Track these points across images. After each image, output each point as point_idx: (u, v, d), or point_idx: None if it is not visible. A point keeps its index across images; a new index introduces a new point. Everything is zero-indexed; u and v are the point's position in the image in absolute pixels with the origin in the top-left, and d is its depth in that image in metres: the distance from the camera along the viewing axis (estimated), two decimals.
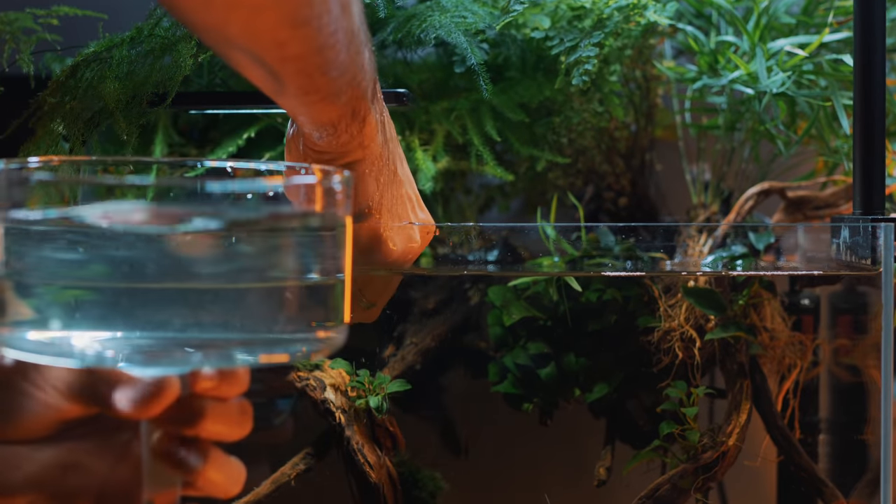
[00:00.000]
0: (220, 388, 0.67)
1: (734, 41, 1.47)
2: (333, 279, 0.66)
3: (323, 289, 0.66)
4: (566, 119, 1.47)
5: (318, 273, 0.65)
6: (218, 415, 0.67)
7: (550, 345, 1.35)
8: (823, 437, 1.39)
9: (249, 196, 0.63)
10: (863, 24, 1.25)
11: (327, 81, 0.89)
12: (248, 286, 0.63)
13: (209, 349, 0.62)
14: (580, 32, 1.35)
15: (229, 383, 0.67)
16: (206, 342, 0.62)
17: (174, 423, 0.67)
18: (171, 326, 0.62)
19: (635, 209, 1.59)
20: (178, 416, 0.66)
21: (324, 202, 0.66)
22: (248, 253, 0.63)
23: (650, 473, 1.31)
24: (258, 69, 0.84)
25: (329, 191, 0.66)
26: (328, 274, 0.66)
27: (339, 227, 0.67)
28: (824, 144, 1.45)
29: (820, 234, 1.35)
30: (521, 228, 1.40)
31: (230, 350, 0.63)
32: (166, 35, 1.25)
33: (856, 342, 1.39)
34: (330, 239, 0.66)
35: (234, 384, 0.67)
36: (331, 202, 0.66)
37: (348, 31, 0.88)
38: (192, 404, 0.67)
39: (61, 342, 0.62)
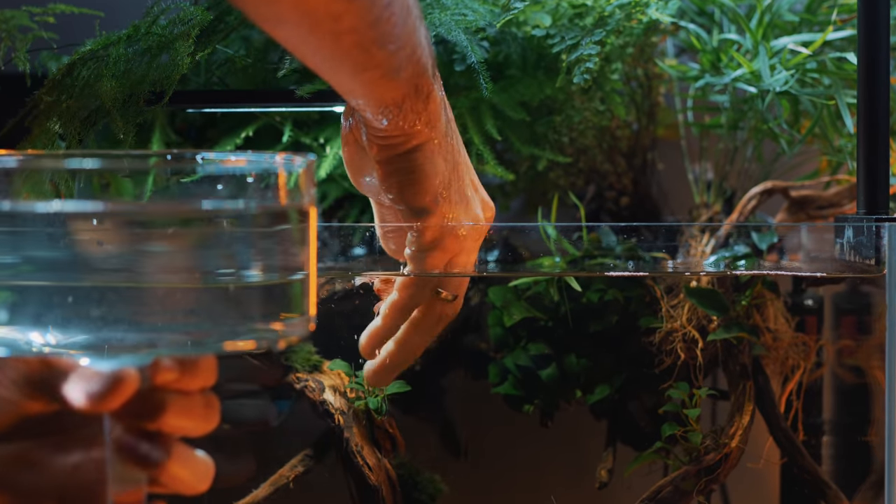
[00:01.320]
0: (182, 381, 0.65)
1: (737, 39, 1.47)
2: (294, 271, 0.65)
3: (282, 281, 0.65)
4: (567, 118, 1.47)
5: (276, 265, 0.65)
6: (181, 408, 0.66)
7: (551, 346, 1.34)
8: (827, 438, 1.38)
9: (220, 186, 0.63)
10: (867, 22, 1.25)
11: (386, 56, 0.86)
12: (202, 279, 0.62)
13: (158, 344, 0.62)
14: (581, 30, 1.35)
15: (191, 376, 0.65)
16: (154, 338, 0.62)
17: (135, 416, 0.65)
18: (117, 322, 0.61)
19: (637, 209, 1.58)
20: (139, 410, 0.65)
21: (286, 191, 0.65)
22: (196, 245, 0.62)
23: (652, 475, 1.31)
24: (311, 46, 0.82)
25: (292, 178, 0.65)
26: (288, 265, 0.65)
27: (301, 216, 0.66)
28: (828, 143, 1.44)
29: (823, 233, 1.35)
30: (522, 228, 1.40)
31: (183, 342, 0.62)
32: (163, 33, 1.25)
33: (860, 343, 1.39)
34: (290, 230, 0.66)
35: (196, 377, 0.66)
36: (294, 192, 0.65)
37: (403, 5, 0.86)
38: (153, 397, 0.65)
39: (11, 334, 0.61)
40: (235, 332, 0.63)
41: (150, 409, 0.65)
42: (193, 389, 0.66)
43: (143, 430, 0.66)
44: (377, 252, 1.37)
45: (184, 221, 0.62)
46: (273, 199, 0.65)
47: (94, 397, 0.63)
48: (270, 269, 0.64)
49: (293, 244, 0.66)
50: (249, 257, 0.63)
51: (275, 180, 0.64)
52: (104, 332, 0.61)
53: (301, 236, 0.66)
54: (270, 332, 0.64)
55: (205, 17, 1.25)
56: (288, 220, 0.65)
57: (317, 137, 1.43)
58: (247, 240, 0.63)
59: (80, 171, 0.61)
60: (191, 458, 0.67)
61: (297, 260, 0.66)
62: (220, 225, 0.62)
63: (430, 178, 1.02)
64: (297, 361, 1.32)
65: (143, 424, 0.65)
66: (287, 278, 0.65)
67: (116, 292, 0.61)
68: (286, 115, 1.43)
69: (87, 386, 0.63)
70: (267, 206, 0.64)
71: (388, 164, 1.01)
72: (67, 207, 0.60)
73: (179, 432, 0.66)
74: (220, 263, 0.63)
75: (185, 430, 0.66)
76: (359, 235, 1.36)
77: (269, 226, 0.64)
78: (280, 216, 0.65)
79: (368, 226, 1.39)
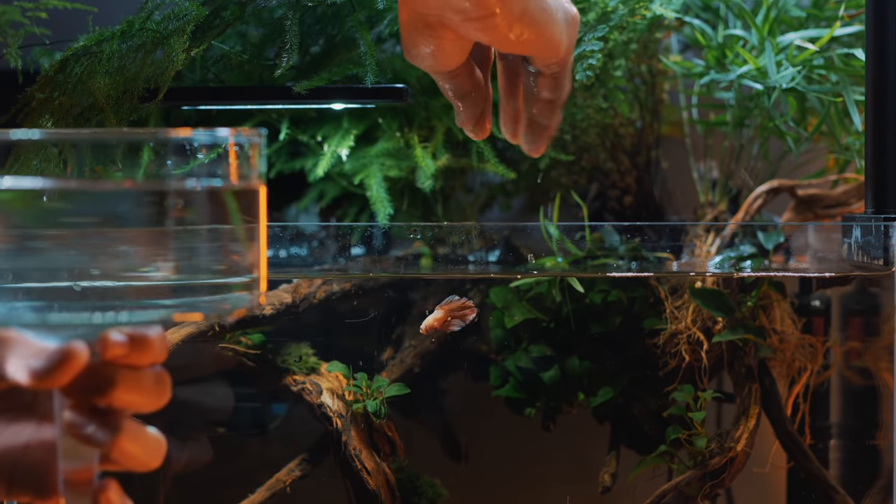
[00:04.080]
0: (131, 357, 0.65)
1: (742, 35, 1.46)
2: (244, 244, 0.66)
3: (231, 250, 0.66)
4: (570, 115, 1.47)
5: (226, 238, 0.65)
6: (131, 384, 0.65)
7: (553, 347, 1.34)
8: (834, 442, 1.38)
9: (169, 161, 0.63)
10: (875, 18, 1.24)
11: None
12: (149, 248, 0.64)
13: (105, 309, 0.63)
14: (584, 26, 1.34)
15: (141, 351, 0.65)
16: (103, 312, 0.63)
17: (85, 392, 0.65)
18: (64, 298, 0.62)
19: (641, 208, 1.58)
20: (88, 386, 0.65)
21: (236, 164, 0.65)
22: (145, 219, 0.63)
23: (656, 480, 1.31)
24: None
25: (240, 152, 0.66)
26: (238, 239, 0.66)
27: (251, 190, 0.67)
28: (835, 141, 1.44)
29: (831, 233, 1.35)
30: (524, 228, 1.40)
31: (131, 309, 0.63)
32: (158, 29, 1.25)
33: (867, 345, 1.39)
34: (242, 203, 0.66)
35: (146, 352, 0.65)
36: (242, 164, 0.66)
37: None
38: (102, 373, 0.65)
39: None
40: (185, 305, 0.64)
41: (100, 384, 0.65)
42: (143, 365, 0.66)
43: (94, 407, 0.66)
44: (376, 252, 1.37)
45: (134, 196, 0.63)
46: (223, 172, 0.65)
47: (42, 373, 0.63)
48: (220, 242, 0.65)
49: (245, 217, 0.66)
50: (198, 231, 0.64)
51: (225, 155, 0.65)
52: (51, 309, 0.62)
53: (252, 209, 0.67)
54: (220, 304, 0.65)
55: (200, 12, 1.25)
56: (238, 194, 0.66)
57: (314, 135, 1.43)
58: (198, 213, 0.64)
59: (69, 153, 0.62)
60: (142, 435, 0.67)
61: (248, 233, 0.66)
62: (171, 198, 0.63)
63: None
64: (294, 364, 1.32)
65: (93, 400, 0.65)
66: (237, 251, 0.66)
67: (67, 267, 0.62)
68: (283, 113, 1.42)
69: (35, 362, 0.64)
70: (217, 181, 0.65)
71: None
72: (11, 183, 0.61)
73: (130, 408, 0.66)
74: (169, 238, 0.63)
75: (136, 406, 0.66)
76: (357, 235, 1.37)
77: (221, 199, 0.65)
78: (230, 190, 0.66)
79: (368, 225, 1.39)
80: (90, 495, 0.66)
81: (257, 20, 1.40)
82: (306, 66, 1.37)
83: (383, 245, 1.37)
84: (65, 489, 0.66)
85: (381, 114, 1.42)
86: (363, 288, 1.34)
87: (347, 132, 1.40)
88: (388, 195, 1.36)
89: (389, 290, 1.36)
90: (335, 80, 1.31)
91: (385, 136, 1.41)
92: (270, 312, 1.30)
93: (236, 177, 0.65)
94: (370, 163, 1.39)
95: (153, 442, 0.68)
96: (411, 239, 1.37)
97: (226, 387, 1.34)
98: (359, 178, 1.39)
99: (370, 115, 1.42)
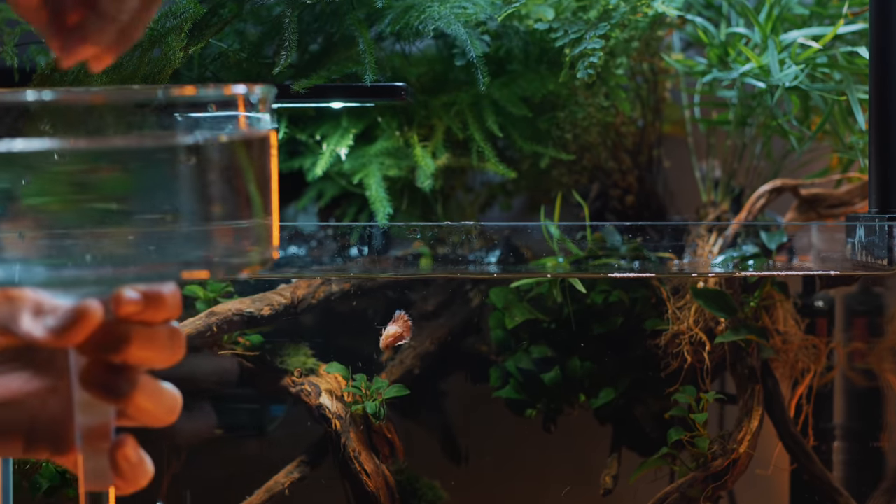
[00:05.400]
0: (145, 313, 0.66)
1: (745, 33, 1.46)
2: (255, 200, 0.66)
3: (243, 204, 0.66)
4: (571, 114, 1.46)
5: (237, 195, 0.65)
6: (145, 340, 0.66)
7: (554, 348, 1.34)
8: (838, 444, 1.38)
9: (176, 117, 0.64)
10: (879, 15, 1.24)
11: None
12: (153, 211, 0.64)
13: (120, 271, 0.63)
14: (585, 24, 1.34)
15: (155, 308, 0.66)
16: (115, 270, 0.63)
17: (100, 349, 0.66)
18: (77, 256, 0.63)
19: (642, 207, 1.57)
20: (103, 343, 0.65)
21: (245, 119, 0.66)
22: (156, 177, 0.63)
23: (658, 482, 1.31)
24: None
25: (249, 106, 0.66)
26: (249, 195, 0.66)
27: (262, 145, 0.67)
28: (839, 140, 1.44)
29: (834, 233, 1.35)
30: (524, 228, 1.41)
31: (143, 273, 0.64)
32: (155, 27, 1.25)
33: (871, 345, 1.38)
34: (251, 160, 0.66)
35: (160, 308, 0.66)
36: (254, 121, 0.66)
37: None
38: (117, 330, 0.66)
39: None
40: (194, 262, 0.64)
41: (115, 341, 0.66)
42: (158, 321, 0.67)
43: (109, 363, 0.66)
44: (375, 252, 1.37)
45: (143, 154, 0.63)
46: (234, 129, 0.65)
47: (58, 331, 0.64)
48: (231, 196, 0.65)
49: (255, 174, 0.66)
50: (209, 188, 0.64)
51: (234, 110, 0.65)
52: (65, 267, 0.63)
53: (263, 167, 0.67)
54: (231, 262, 0.66)
55: (198, 10, 1.25)
56: (249, 151, 0.66)
57: (313, 134, 1.43)
58: (207, 171, 0.64)
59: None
60: (157, 391, 0.68)
61: (259, 187, 0.67)
62: (180, 156, 0.63)
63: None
64: (292, 364, 1.32)
65: (108, 357, 0.66)
66: (249, 206, 0.66)
67: (79, 225, 0.63)
68: (281, 112, 1.42)
69: (51, 320, 0.64)
70: (227, 137, 0.65)
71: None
72: (21, 146, 0.61)
73: (145, 364, 0.67)
74: (179, 195, 0.64)
75: (151, 362, 0.67)
76: (356, 235, 1.37)
77: (231, 157, 0.65)
78: (241, 146, 0.66)
79: (367, 225, 1.39)
80: (107, 451, 0.67)
81: (255, 18, 1.40)
82: (305, 64, 1.36)
83: (383, 245, 1.37)
84: (82, 445, 0.67)
85: (381, 112, 1.42)
86: (362, 288, 1.34)
87: (346, 131, 1.40)
88: (387, 194, 1.36)
89: (389, 291, 1.36)
90: (334, 78, 1.31)
91: (384, 135, 1.41)
92: (269, 313, 1.30)
93: (246, 130, 0.66)
94: (369, 162, 1.39)
95: (169, 398, 0.69)
96: (411, 239, 1.37)
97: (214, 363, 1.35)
98: (358, 177, 1.39)
99: (369, 113, 1.42)
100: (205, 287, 1.31)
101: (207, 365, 1.33)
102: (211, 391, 1.35)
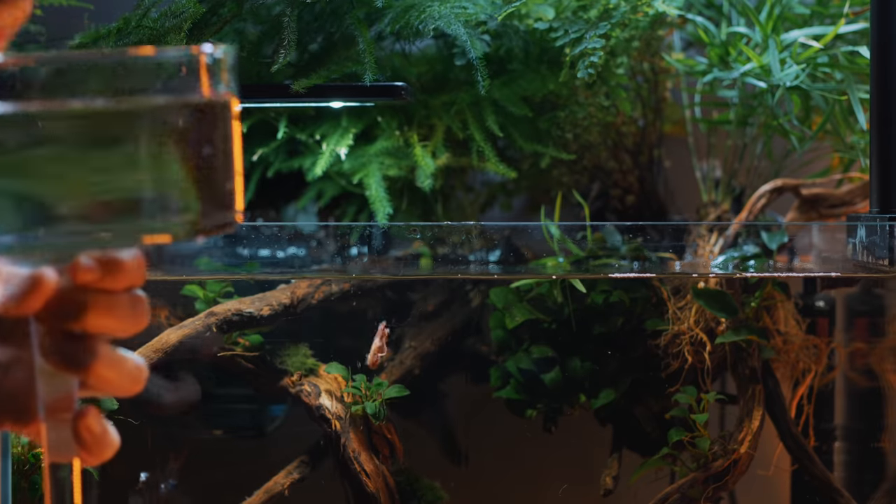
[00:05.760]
0: (104, 281, 0.64)
1: (746, 32, 1.45)
2: (216, 163, 0.64)
3: (203, 171, 0.64)
4: (571, 113, 1.46)
5: (197, 157, 0.64)
6: (105, 308, 0.65)
7: (555, 348, 1.34)
8: (839, 444, 1.38)
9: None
10: (880, 15, 1.24)
11: None
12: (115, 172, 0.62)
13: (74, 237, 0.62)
14: (586, 23, 1.34)
15: (114, 274, 0.64)
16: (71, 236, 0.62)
17: (58, 318, 0.65)
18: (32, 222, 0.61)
19: (643, 207, 1.57)
20: (60, 311, 0.64)
21: (207, 82, 0.63)
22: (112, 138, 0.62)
23: (658, 482, 1.31)
24: None
25: (212, 68, 0.63)
26: (210, 157, 0.64)
27: (223, 107, 0.64)
28: (840, 140, 1.43)
29: (835, 233, 1.34)
30: (525, 228, 1.41)
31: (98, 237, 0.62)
32: (154, 26, 1.25)
33: (873, 346, 1.38)
34: (210, 119, 0.64)
35: (119, 275, 0.64)
36: (215, 82, 0.64)
37: None
38: (74, 298, 0.64)
39: None
40: (155, 227, 0.63)
41: (72, 309, 0.64)
42: (118, 289, 0.65)
43: (69, 333, 0.65)
44: (375, 252, 1.36)
45: (101, 114, 0.61)
46: (195, 90, 0.63)
47: (12, 300, 0.63)
48: (192, 159, 0.64)
49: (215, 136, 0.64)
50: (169, 149, 0.63)
51: (195, 71, 0.63)
52: (19, 234, 0.61)
53: (224, 125, 0.65)
54: (193, 224, 0.64)
55: (197, 9, 1.24)
56: (210, 112, 0.64)
57: (312, 134, 1.42)
58: (169, 130, 0.63)
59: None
60: (119, 360, 0.66)
61: (221, 149, 0.65)
62: (139, 117, 0.62)
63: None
64: (292, 364, 1.32)
65: (67, 326, 0.65)
66: (210, 167, 0.64)
67: (37, 192, 0.61)
68: (281, 111, 1.42)
69: (5, 289, 0.64)
70: (187, 98, 0.63)
71: None
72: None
73: (107, 333, 0.66)
74: (140, 157, 0.62)
75: (112, 331, 0.66)
76: (356, 235, 1.36)
77: (191, 118, 0.63)
78: (201, 108, 0.64)
79: (367, 225, 1.39)
80: (70, 422, 0.66)
81: (255, 17, 1.39)
82: (304, 63, 1.36)
83: (383, 245, 1.36)
84: (45, 415, 0.66)
85: (381, 112, 1.41)
86: (362, 288, 1.34)
87: (346, 131, 1.39)
88: (387, 194, 1.36)
89: (389, 291, 1.36)
90: (334, 77, 1.31)
91: (384, 135, 1.41)
92: (268, 313, 1.30)
93: (207, 92, 0.64)
94: (369, 161, 1.39)
95: (132, 368, 0.67)
96: (411, 239, 1.36)
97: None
98: (358, 177, 1.39)
99: (369, 113, 1.41)
100: (204, 287, 1.31)
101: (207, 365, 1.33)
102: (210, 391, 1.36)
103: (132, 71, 0.62)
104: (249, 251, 1.34)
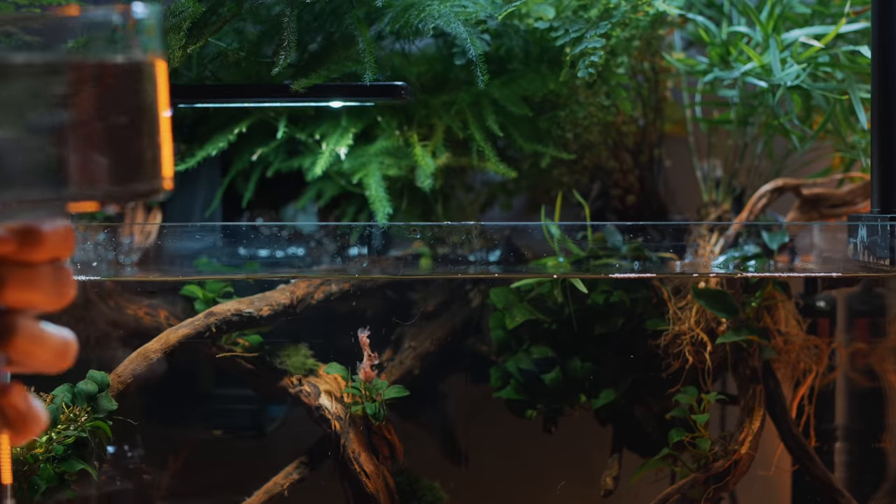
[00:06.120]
0: (23, 253, 0.62)
1: (747, 32, 1.45)
2: (141, 127, 0.63)
3: (125, 136, 0.62)
4: (571, 113, 1.46)
5: (121, 121, 0.62)
6: (24, 281, 0.62)
7: (555, 349, 1.34)
8: (840, 444, 1.38)
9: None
10: (881, 14, 1.24)
11: None
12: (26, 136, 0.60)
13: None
14: (586, 23, 1.33)
15: (34, 246, 0.62)
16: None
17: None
18: None
19: (643, 207, 1.57)
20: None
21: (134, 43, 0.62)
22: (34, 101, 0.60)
23: (659, 483, 1.31)
24: None
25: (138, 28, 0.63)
26: (135, 122, 0.63)
27: (143, 66, 0.63)
28: (841, 140, 1.43)
29: (836, 233, 1.34)
30: (525, 228, 1.40)
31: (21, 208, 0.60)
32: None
33: (874, 346, 1.38)
34: (136, 81, 0.63)
35: (38, 247, 0.62)
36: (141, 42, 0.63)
37: None
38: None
39: None
40: (79, 194, 0.61)
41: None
42: (39, 261, 0.63)
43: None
44: (375, 252, 1.36)
45: (26, 75, 0.60)
46: (122, 50, 0.62)
47: None
48: (118, 121, 0.62)
49: (141, 99, 0.63)
50: (94, 111, 0.61)
51: (121, 30, 0.62)
52: None
53: (149, 86, 0.64)
54: (120, 189, 0.62)
55: (197, 9, 1.24)
56: (136, 74, 0.63)
57: (312, 133, 1.42)
58: (93, 91, 0.61)
59: None
60: (41, 335, 0.64)
61: (144, 116, 0.63)
62: (61, 78, 0.60)
63: None
64: (292, 364, 1.32)
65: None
66: (137, 131, 0.63)
67: None
68: (281, 111, 1.42)
69: None
70: (113, 58, 0.62)
71: None
72: None
73: (28, 307, 0.64)
74: (64, 120, 0.60)
75: (34, 304, 0.63)
76: (356, 235, 1.36)
77: (116, 79, 0.62)
78: (126, 69, 0.62)
79: (367, 225, 1.38)
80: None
81: (255, 17, 1.39)
82: (304, 63, 1.36)
83: (382, 245, 1.36)
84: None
85: (380, 112, 1.41)
86: (362, 288, 1.34)
87: (346, 130, 1.39)
88: (387, 194, 1.35)
89: (389, 291, 1.36)
90: (333, 77, 1.31)
91: (384, 135, 1.40)
92: (268, 313, 1.29)
93: (132, 52, 0.62)
94: (369, 161, 1.38)
95: (56, 342, 0.65)
96: (411, 239, 1.36)
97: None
98: (357, 176, 1.38)
99: (369, 112, 1.41)
100: (203, 287, 1.31)
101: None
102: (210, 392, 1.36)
103: (57, 31, 0.60)
104: (249, 251, 1.34)
